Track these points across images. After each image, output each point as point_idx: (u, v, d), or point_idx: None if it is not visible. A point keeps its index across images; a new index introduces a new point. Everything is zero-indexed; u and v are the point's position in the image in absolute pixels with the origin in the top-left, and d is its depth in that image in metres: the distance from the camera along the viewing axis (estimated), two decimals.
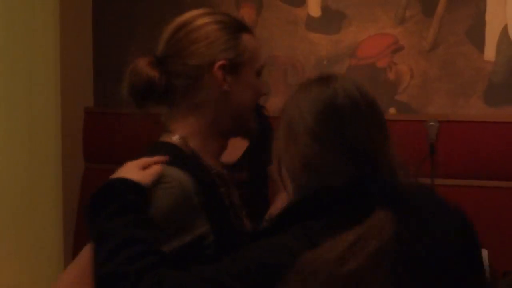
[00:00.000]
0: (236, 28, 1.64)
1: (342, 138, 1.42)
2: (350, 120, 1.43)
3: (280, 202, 3.47)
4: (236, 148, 3.45)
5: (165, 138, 1.63)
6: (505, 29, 3.95)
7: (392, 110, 4.15)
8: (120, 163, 4.67)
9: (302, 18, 4.29)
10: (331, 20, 4.26)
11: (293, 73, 4.36)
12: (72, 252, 4.47)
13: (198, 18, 1.64)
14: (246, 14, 4.38)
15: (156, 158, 1.58)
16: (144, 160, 1.57)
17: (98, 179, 4.73)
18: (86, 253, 1.49)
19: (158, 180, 1.46)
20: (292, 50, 4.36)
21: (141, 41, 4.58)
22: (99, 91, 4.70)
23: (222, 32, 1.60)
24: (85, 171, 4.68)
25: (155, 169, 1.53)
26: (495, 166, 3.90)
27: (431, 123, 3.21)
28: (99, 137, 4.66)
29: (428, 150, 3.19)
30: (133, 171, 1.55)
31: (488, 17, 3.97)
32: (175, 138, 1.61)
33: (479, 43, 4.01)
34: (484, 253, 3.97)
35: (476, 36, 4.01)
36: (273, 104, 3.93)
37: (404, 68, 4.13)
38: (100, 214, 1.44)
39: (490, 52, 3.99)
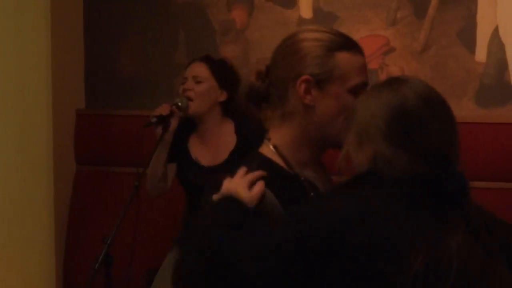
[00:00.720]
0: (333, 46, 1.63)
1: (414, 140, 1.41)
2: (422, 122, 1.43)
3: None
4: (220, 144, 3.49)
5: (263, 148, 1.69)
6: (496, 30, 3.92)
7: None
8: (111, 165, 4.51)
9: (293, 20, 4.25)
10: (322, 22, 4.21)
11: None
12: (64, 253, 4.45)
13: (301, 34, 1.71)
14: (237, 16, 4.37)
15: (258, 174, 1.59)
16: (250, 176, 1.59)
17: (90, 181, 4.62)
18: None
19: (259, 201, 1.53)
20: None
21: (132, 43, 4.58)
22: (91, 93, 4.65)
23: (314, 49, 1.62)
24: (77, 173, 4.63)
25: (259, 189, 1.55)
26: (486, 167, 3.84)
27: None
28: (91, 138, 4.61)
29: None
30: (242, 189, 1.57)
31: (479, 18, 3.95)
32: (269, 149, 1.66)
33: (470, 45, 3.99)
34: None
35: (467, 37, 4.00)
36: None
37: (395, 69, 4.11)
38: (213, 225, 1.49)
39: (481, 53, 3.97)
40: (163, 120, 3.43)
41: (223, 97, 3.56)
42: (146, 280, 3.79)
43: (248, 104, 2.52)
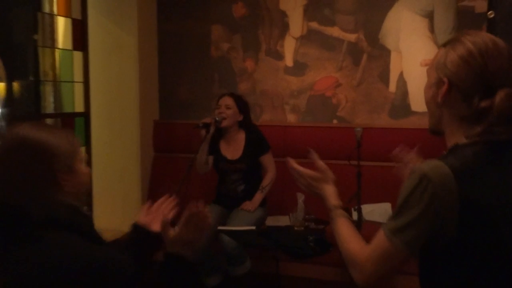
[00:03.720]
0: None
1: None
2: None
3: (268, 179, 3.87)
4: (238, 146, 3.82)
5: None
6: (401, 74, 4.27)
7: (335, 121, 4.43)
8: (174, 152, 5.14)
9: (282, 67, 4.53)
10: (299, 68, 4.48)
11: (277, 100, 4.60)
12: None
13: None
14: (249, 64, 4.61)
15: None
16: None
17: (162, 163, 5.39)
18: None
19: None
20: (276, 86, 4.57)
21: (187, 79, 4.83)
22: (162, 109, 4.88)
23: None
24: (154, 158, 4.79)
25: None
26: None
27: (358, 129, 3.30)
28: (163, 137, 4.80)
29: (356, 145, 3.31)
30: None
31: (391, 66, 4.28)
32: None
33: (386, 82, 4.30)
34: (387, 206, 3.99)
35: (384, 78, 4.30)
36: (265, 118, 4.50)
37: (342, 96, 4.40)
38: None
39: (392, 87, 4.30)
40: (207, 126, 3.67)
41: (240, 118, 3.79)
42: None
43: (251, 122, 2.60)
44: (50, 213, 1.25)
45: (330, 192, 1.52)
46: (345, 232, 1.39)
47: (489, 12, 2.36)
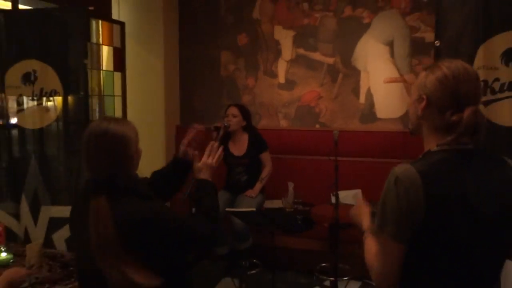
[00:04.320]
0: None
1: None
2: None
3: (266, 172, 3.83)
4: (242, 145, 3.79)
5: None
6: (369, 89, 4.28)
7: (317, 126, 4.43)
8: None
9: (276, 83, 4.56)
10: (289, 84, 4.51)
11: (272, 109, 4.59)
12: None
13: None
14: (250, 81, 4.61)
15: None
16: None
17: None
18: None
19: None
20: (271, 98, 4.59)
21: (202, 92, 4.80)
22: (182, 116, 4.87)
23: None
24: None
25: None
26: (369, 150, 4.15)
27: (335, 132, 3.22)
28: (183, 138, 5.03)
29: (334, 144, 3.22)
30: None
31: (361, 83, 4.30)
32: None
33: (357, 95, 4.32)
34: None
35: (356, 92, 4.31)
36: (263, 123, 4.49)
37: (323, 106, 4.44)
38: None
39: (362, 99, 4.31)
40: (217, 129, 3.36)
41: (244, 123, 3.79)
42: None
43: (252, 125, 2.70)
44: (130, 181, 1.47)
45: (366, 221, 1.49)
46: (368, 246, 1.33)
47: (436, 41, 2.44)
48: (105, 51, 3.84)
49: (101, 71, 3.80)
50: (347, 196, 4.04)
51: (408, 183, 1.13)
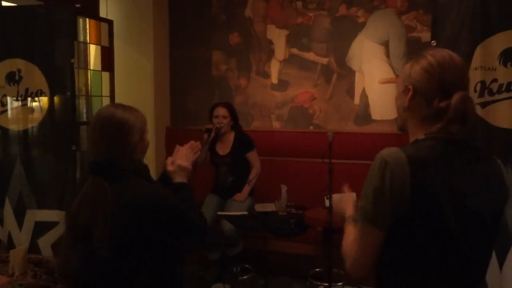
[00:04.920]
0: None
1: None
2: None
3: (253, 173, 3.79)
4: (227, 144, 3.77)
5: None
6: (363, 90, 4.27)
7: (311, 127, 4.43)
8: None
9: (269, 83, 4.54)
10: (282, 85, 4.50)
11: (265, 110, 4.57)
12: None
13: None
14: (242, 82, 4.59)
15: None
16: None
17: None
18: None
19: None
20: (264, 99, 4.57)
21: (193, 93, 4.77)
22: (173, 118, 4.85)
23: None
24: (167, 157, 4.73)
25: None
26: (363, 152, 4.08)
27: (329, 133, 3.24)
28: (173, 140, 4.50)
29: (328, 146, 3.23)
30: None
31: (356, 84, 4.29)
32: None
33: (352, 96, 4.31)
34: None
35: (350, 92, 4.30)
36: (256, 124, 4.47)
37: (316, 107, 4.42)
38: None
39: (357, 100, 4.30)
40: (209, 131, 3.65)
41: (232, 123, 3.77)
42: None
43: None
44: (130, 165, 1.53)
45: (349, 208, 1.50)
46: (347, 233, 1.32)
47: (432, 41, 2.43)
48: (93, 50, 3.77)
49: (89, 71, 3.73)
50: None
51: (396, 168, 1.11)
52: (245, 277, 3.61)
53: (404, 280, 1.16)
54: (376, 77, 4.23)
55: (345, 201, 1.52)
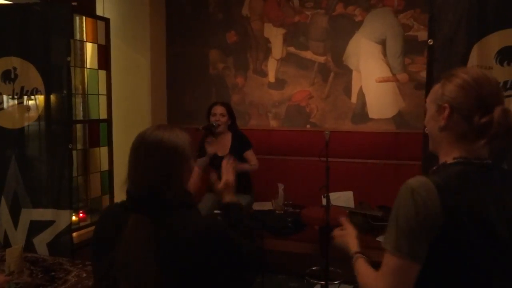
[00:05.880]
0: None
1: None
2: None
3: (251, 165, 3.77)
4: (225, 145, 3.76)
5: None
6: (361, 88, 4.27)
7: (308, 126, 4.41)
8: None
9: (266, 82, 4.53)
10: (279, 83, 4.49)
11: (262, 109, 4.56)
12: None
13: None
14: (239, 80, 4.59)
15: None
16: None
17: None
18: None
19: None
20: (261, 98, 4.56)
21: (190, 92, 4.77)
22: (170, 116, 4.83)
23: None
24: None
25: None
26: (360, 150, 4.16)
27: (326, 132, 3.21)
28: None
29: (325, 145, 3.19)
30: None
31: (353, 82, 4.29)
32: None
33: (349, 94, 4.31)
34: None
35: (347, 91, 4.30)
36: (253, 123, 4.46)
37: (314, 106, 4.41)
38: None
39: (354, 98, 4.30)
40: (208, 128, 3.68)
41: (229, 122, 3.78)
42: None
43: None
44: (179, 198, 1.32)
45: (353, 243, 1.41)
46: (362, 269, 1.25)
47: (429, 40, 2.44)
48: (89, 48, 3.76)
49: (85, 69, 3.72)
50: (338, 198, 4.05)
51: (425, 194, 1.08)
52: None
53: None
54: (373, 75, 4.24)
55: (347, 235, 1.44)
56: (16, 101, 3.25)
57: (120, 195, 1.43)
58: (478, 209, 1.09)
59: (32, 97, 3.21)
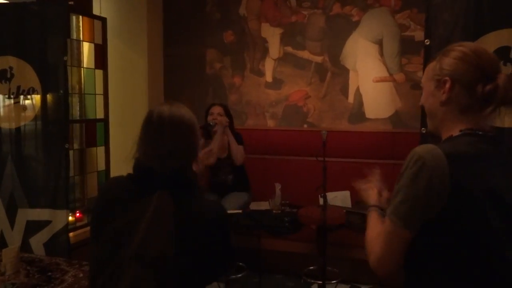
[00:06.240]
0: None
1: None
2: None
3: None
4: (223, 146, 3.79)
5: None
6: (357, 88, 4.28)
7: (305, 126, 4.42)
8: None
9: (263, 82, 4.54)
10: (277, 83, 4.50)
11: (259, 108, 4.56)
12: None
13: None
14: (236, 80, 4.60)
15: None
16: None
17: None
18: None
19: None
20: (258, 97, 4.56)
21: (188, 91, 4.76)
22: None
23: None
24: None
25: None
26: (357, 150, 4.15)
27: (323, 132, 3.21)
28: None
29: (322, 144, 3.21)
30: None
31: (350, 82, 4.30)
32: None
33: (346, 94, 4.31)
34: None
35: (344, 91, 4.31)
36: (250, 123, 4.47)
37: (311, 106, 4.43)
38: None
39: (351, 98, 4.30)
40: (209, 127, 3.72)
41: (227, 123, 3.80)
42: None
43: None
44: (194, 177, 1.33)
45: (373, 197, 1.41)
46: (371, 223, 1.27)
47: (425, 40, 2.45)
48: (86, 47, 3.75)
49: (82, 69, 3.71)
50: (335, 197, 4.06)
51: (434, 164, 1.05)
52: (239, 275, 3.61)
53: (436, 280, 1.10)
54: (370, 75, 4.25)
55: (370, 189, 1.44)
56: (12, 101, 3.24)
57: None
58: (487, 177, 1.08)
59: (29, 96, 3.20)
